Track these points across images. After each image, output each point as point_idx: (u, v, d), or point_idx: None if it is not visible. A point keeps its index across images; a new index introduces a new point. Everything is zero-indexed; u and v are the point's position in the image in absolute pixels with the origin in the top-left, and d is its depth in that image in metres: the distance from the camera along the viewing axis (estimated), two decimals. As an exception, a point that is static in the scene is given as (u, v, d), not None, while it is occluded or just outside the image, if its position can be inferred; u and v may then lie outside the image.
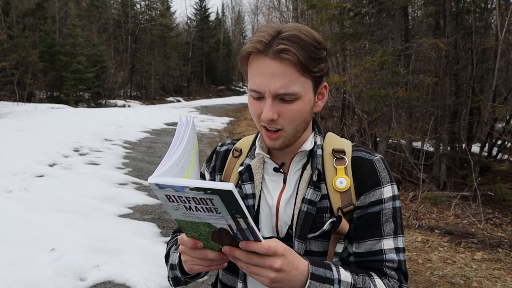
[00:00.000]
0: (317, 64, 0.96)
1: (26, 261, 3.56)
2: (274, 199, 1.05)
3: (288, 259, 0.83)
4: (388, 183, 1.02)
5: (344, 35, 9.35)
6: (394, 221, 1.01)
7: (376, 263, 0.99)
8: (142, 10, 38.45)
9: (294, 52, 0.91)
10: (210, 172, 1.20)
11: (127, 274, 3.49)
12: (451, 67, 8.94)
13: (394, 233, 1.01)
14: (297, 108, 0.96)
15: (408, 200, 7.47)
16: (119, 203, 5.42)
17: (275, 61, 0.92)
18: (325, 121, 12.68)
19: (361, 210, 1.01)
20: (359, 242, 1.01)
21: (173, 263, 1.08)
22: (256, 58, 0.95)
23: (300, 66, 0.93)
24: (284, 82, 0.92)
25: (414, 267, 4.32)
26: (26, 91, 20.99)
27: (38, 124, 11.43)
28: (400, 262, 0.99)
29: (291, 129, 0.99)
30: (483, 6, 9.07)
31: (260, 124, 1.00)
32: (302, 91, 0.95)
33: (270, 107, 0.94)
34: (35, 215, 4.62)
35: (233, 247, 0.82)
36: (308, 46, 0.93)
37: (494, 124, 9.44)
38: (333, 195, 1.01)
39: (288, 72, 0.92)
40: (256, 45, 0.93)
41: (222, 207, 0.74)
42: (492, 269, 4.33)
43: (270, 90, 0.93)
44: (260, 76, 0.94)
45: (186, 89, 43.06)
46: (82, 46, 24.88)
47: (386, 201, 1.01)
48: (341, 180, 1.01)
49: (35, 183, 5.90)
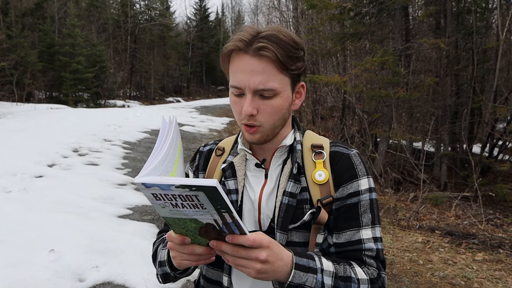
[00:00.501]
0: (295, 62, 1.00)
1: (25, 262, 3.54)
2: (256, 193, 1.10)
3: (273, 251, 0.87)
4: (364, 176, 1.08)
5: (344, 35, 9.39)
6: (372, 212, 1.06)
7: (356, 252, 1.04)
8: (142, 10, 38.35)
9: (273, 49, 0.96)
10: (193, 171, 1.24)
11: (127, 275, 3.47)
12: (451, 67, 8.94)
13: (372, 223, 1.06)
14: (275, 104, 1.01)
15: (409, 201, 7.48)
16: (118, 203, 5.39)
17: (254, 58, 0.97)
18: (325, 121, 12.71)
19: (339, 201, 1.06)
20: (339, 233, 1.06)
21: (162, 260, 1.10)
22: (237, 56, 1.00)
23: (279, 63, 0.97)
24: (263, 78, 0.97)
25: (414, 268, 4.31)
26: (25, 91, 20.89)
27: (37, 125, 11.38)
28: (378, 250, 1.04)
29: (269, 124, 1.03)
30: (484, 6, 9.06)
31: (241, 122, 1.04)
32: (280, 87, 1.00)
33: (249, 103, 0.99)
34: (34, 215, 4.59)
35: (220, 241, 0.85)
36: (286, 45, 0.98)
37: (495, 124, 9.44)
38: (313, 187, 1.06)
39: (267, 68, 0.97)
40: (237, 43, 0.98)
41: (207, 203, 0.76)
42: (493, 270, 4.32)
43: (250, 85, 0.98)
44: (241, 72, 0.99)
45: (185, 89, 43.01)
46: (81, 46, 24.83)
47: (363, 192, 1.06)
48: (320, 173, 1.07)
49: (34, 184, 5.85)
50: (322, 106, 13.13)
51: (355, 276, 0.99)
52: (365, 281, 0.99)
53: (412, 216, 6.33)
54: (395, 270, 4.23)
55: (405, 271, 4.23)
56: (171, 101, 34.50)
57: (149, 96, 35.11)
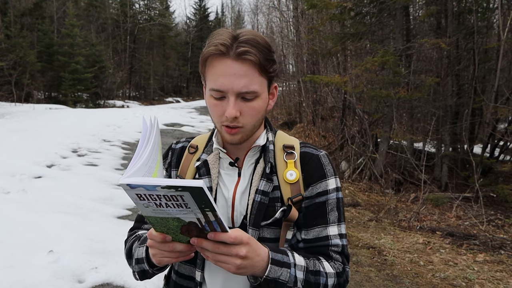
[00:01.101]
0: (271, 65, 1.05)
1: (24, 263, 3.52)
2: (230, 191, 1.13)
3: (252, 247, 0.91)
4: (332, 176, 1.14)
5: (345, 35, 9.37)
6: (338, 210, 1.13)
7: (323, 248, 1.10)
8: (141, 10, 38.35)
9: (255, 53, 1.00)
10: (166, 168, 1.25)
11: (126, 276, 3.45)
12: (452, 67, 8.92)
13: (338, 220, 1.13)
14: (256, 106, 1.05)
15: (410, 202, 7.47)
16: (117, 204, 5.38)
17: (237, 62, 1.00)
18: (325, 121, 12.68)
19: (309, 200, 1.12)
20: (307, 230, 1.12)
21: (140, 257, 1.12)
22: (217, 60, 1.02)
23: (259, 66, 1.01)
24: (246, 81, 1.01)
25: (415, 269, 4.30)
26: (24, 91, 20.89)
27: (36, 125, 11.40)
28: (343, 246, 1.12)
29: (251, 125, 1.07)
30: (485, 5, 9.05)
31: (221, 124, 1.07)
32: (261, 89, 1.05)
33: (233, 105, 1.02)
34: (33, 216, 4.58)
35: (201, 238, 0.87)
36: (264, 49, 1.02)
37: (496, 124, 9.42)
38: (284, 186, 1.11)
39: (250, 72, 1.01)
40: (219, 48, 1.00)
41: (192, 202, 0.78)
42: (494, 271, 4.30)
43: (233, 89, 1.01)
44: (223, 76, 1.01)
45: (185, 90, 43.03)
46: (80, 46, 24.83)
47: (331, 192, 1.12)
48: (291, 172, 1.11)
49: (33, 184, 5.88)
50: (323, 107, 13.12)
51: (323, 270, 1.05)
52: (332, 274, 1.06)
53: (413, 217, 6.31)
54: (395, 271, 4.23)
55: (405, 272, 4.23)
56: (171, 101, 34.52)
57: (148, 96, 35.10)
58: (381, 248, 4.85)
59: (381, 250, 4.80)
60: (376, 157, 8.75)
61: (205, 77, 1.08)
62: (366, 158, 8.89)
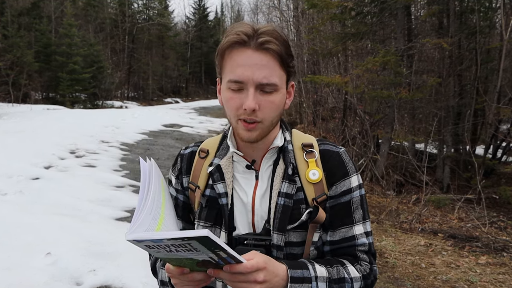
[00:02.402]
0: (291, 60, 1.04)
1: (21, 265, 3.51)
2: (248, 195, 1.11)
3: (269, 270, 0.90)
4: (354, 173, 1.12)
5: (345, 35, 9.39)
6: (362, 208, 1.12)
7: (350, 249, 1.09)
8: (140, 10, 38.24)
9: (277, 44, 0.98)
10: (176, 176, 1.22)
11: (124, 279, 3.44)
12: (454, 68, 8.95)
13: (363, 218, 1.12)
14: (275, 100, 1.02)
15: (411, 203, 7.48)
16: (116, 206, 5.37)
17: (258, 52, 0.98)
18: (326, 122, 12.71)
19: (333, 199, 1.10)
20: (334, 230, 1.10)
21: (164, 280, 1.12)
22: (237, 50, 1.00)
23: (281, 59, 1.00)
24: (267, 72, 0.99)
25: (417, 271, 4.28)
26: (21, 92, 20.79)
27: (33, 126, 11.37)
28: (370, 244, 1.11)
29: (269, 121, 1.04)
30: (488, 5, 9.03)
31: (237, 118, 1.03)
32: (280, 83, 1.02)
33: (253, 97, 0.99)
34: (31, 218, 4.56)
35: (218, 270, 0.88)
36: (284, 42, 1.01)
37: (498, 125, 9.42)
38: (307, 186, 1.09)
39: (271, 63, 0.99)
40: (241, 36, 0.98)
41: (201, 247, 0.80)
42: (497, 273, 4.28)
43: (253, 79, 0.98)
44: (242, 66, 0.99)
45: (184, 90, 42.99)
46: (78, 46, 24.75)
47: (354, 189, 1.11)
48: (314, 172, 1.09)
49: (30, 186, 5.86)
50: (323, 107, 13.14)
51: (348, 276, 1.04)
52: (358, 278, 1.05)
53: (415, 219, 6.32)
54: (397, 274, 4.21)
55: (407, 274, 4.21)
56: (170, 102, 34.53)
57: (147, 97, 35.05)
58: (382, 250, 4.83)
59: (382, 252, 4.77)
60: (377, 158, 8.76)
61: (222, 69, 1.05)
62: (367, 159, 8.88)
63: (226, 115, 1.09)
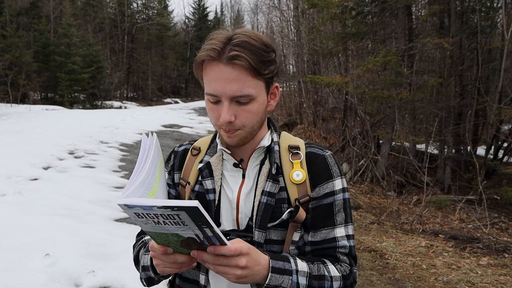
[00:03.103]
0: (267, 66, 1.03)
1: (19, 266, 3.51)
2: (234, 193, 1.14)
3: (252, 257, 0.92)
4: (338, 177, 1.14)
5: (346, 34, 9.38)
6: (345, 211, 1.13)
7: (330, 250, 1.10)
8: (139, 9, 38.26)
9: (245, 57, 0.98)
10: (169, 171, 1.27)
11: (123, 280, 3.44)
12: (456, 68, 8.94)
13: (345, 222, 1.13)
14: (252, 109, 1.04)
15: (412, 204, 7.46)
16: (115, 207, 5.37)
17: (228, 66, 0.99)
18: (326, 122, 12.71)
19: (316, 201, 1.11)
20: (315, 231, 1.12)
21: (145, 264, 1.14)
22: (210, 65, 1.02)
23: (252, 70, 1.00)
24: (239, 85, 1.00)
25: (418, 272, 4.28)
26: (20, 92, 20.78)
27: (32, 126, 11.40)
28: (350, 247, 1.12)
29: (249, 127, 1.07)
30: (489, 5, 8.97)
31: (219, 127, 1.08)
32: (256, 92, 1.03)
33: (227, 110, 1.02)
34: (29, 219, 4.57)
35: (201, 251, 0.89)
36: (258, 50, 1.01)
37: (500, 126, 9.40)
38: (290, 187, 1.11)
39: (242, 76, 1.00)
40: (210, 53, 1.00)
41: (189, 221, 0.81)
42: (498, 274, 4.27)
43: (226, 93, 1.01)
44: (216, 81, 1.01)
45: (184, 90, 43.00)
46: (77, 46, 24.76)
47: (338, 192, 1.12)
48: (298, 173, 1.11)
49: (29, 187, 5.88)
50: (324, 107, 13.14)
51: (328, 274, 1.05)
52: (337, 278, 1.06)
53: (415, 220, 6.31)
54: (397, 275, 4.22)
55: (408, 276, 4.21)
56: (169, 102, 34.56)
57: (146, 97, 35.07)
58: (383, 251, 4.83)
59: (383, 253, 4.78)
60: (378, 159, 8.75)
61: (202, 80, 1.08)
62: (367, 160, 8.87)
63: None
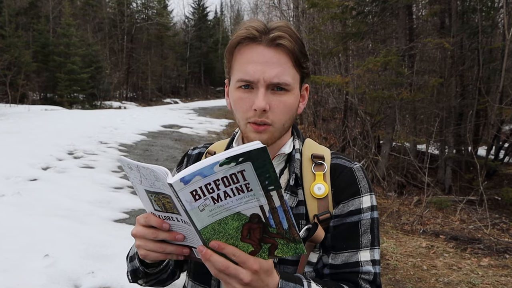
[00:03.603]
0: (305, 60, 0.98)
1: (19, 267, 3.50)
2: None
3: (260, 276, 0.80)
4: (367, 193, 1.02)
5: (346, 34, 9.41)
6: (372, 233, 1.01)
7: (352, 275, 0.98)
8: (139, 9, 38.22)
9: (290, 40, 0.93)
10: None
11: (123, 281, 3.41)
12: (456, 68, 8.97)
13: (371, 244, 1.00)
14: (287, 101, 0.96)
15: (413, 205, 7.49)
16: (114, 207, 5.38)
17: (270, 48, 0.93)
18: (327, 123, 12.73)
19: (338, 219, 1.00)
20: (336, 253, 1.00)
21: (132, 254, 1.05)
22: (247, 46, 0.95)
23: (293, 56, 0.94)
24: (279, 71, 0.93)
25: (418, 273, 4.27)
26: (19, 92, 20.71)
27: (31, 127, 11.40)
28: (375, 274, 0.99)
29: (280, 124, 0.98)
30: (490, 4, 9.03)
31: (247, 121, 0.98)
32: (293, 83, 0.96)
33: (263, 96, 0.93)
34: (28, 220, 4.56)
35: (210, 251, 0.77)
36: (298, 40, 0.96)
37: (501, 126, 9.44)
38: (310, 201, 1.00)
39: (283, 61, 0.94)
40: (252, 31, 0.93)
41: (254, 179, 0.71)
42: (499, 275, 4.28)
43: (264, 78, 0.93)
44: (253, 64, 0.94)
45: (183, 90, 42.94)
46: (76, 46, 24.70)
47: (365, 211, 1.01)
48: (319, 186, 1.00)
49: (28, 187, 5.86)
50: (324, 108, 13.17)
51: None
52: None
53: (416, 221, 6.32)
54: (398, 276, 4.23)
55: (408, 277, 4.20)
56: (169, 102, 34.54)
57: (146, 97, 35.04)
58: (383, 252, 4.82)
59: (384, 254, 4.76)
60: (379, 159, 8.76)
61: (231, 68, 0.99)
62: (368, 160, 8.87)
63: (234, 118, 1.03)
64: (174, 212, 0.79)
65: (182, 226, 0.80)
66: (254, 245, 0.79)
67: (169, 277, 1.11)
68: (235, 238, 0.78)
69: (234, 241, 0.79)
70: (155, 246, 0.84)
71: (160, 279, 1.09)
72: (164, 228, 0.82)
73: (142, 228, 0.85)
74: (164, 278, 1.09)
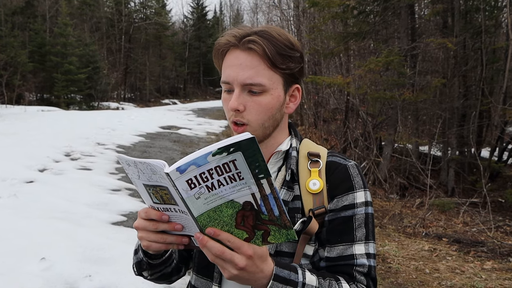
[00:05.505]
0: (286, 61, 1.00)
1: (14, 270, 3.49)
2: None
3: (255, 262, 0.85)
4: (361, 189, 1.06)
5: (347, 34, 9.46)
6: (366, 227, 1.05)
7: (347, 267, 1.02)
8: (136, 8, 38.21)
9: (261, 44, 0.97)
10: None
11: (121, 284, 3.43)
12: (459, 68, 9.02)
13: (365, 238, 1.04)
14: (263, 102, 1.01)
15: (415, 207, 7.50)
16: (112, 210, 5.38)
17: (244, 52, 0.99)
18: (328, 124, 12.76)
19: (333, 213, 1.05)
20: (331, 246, 1.05)
21: (136, 247, 1.11)
22: (229, 52, 1.02)
23: (267, 59, 0.98)
24: (252, 72, 0.98)
25: (421, 277, 4.27)
26: (15, 93, 20.74)
27: (27, 128, 11.41)
28: (370, 267, 1.03)
29: (257, 124, 1.03)
30: (493, 4, 9.09)
31: (231, 121, 1.05)
32: (270, 84, 1.00)
33: (236, 97, 1.00)
34: (25, 222, 4.55)
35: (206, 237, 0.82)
36: (278, 43, 0.99)
37: (504, 127, 9.52)
38: (306, 196, 1.05)
39: (256, 63, 0.98)
40: (229, 38, 1.00)
41: (244, 168, 0.76)
42: (503, 279, 4.27)
43: (238, 80, 0.99)
44: (230, 67, 1.01)
45: (182, 91, 42.94)
46: (73, 46, 24.70)
47: (359, 206, 1.05)
48: (314, 182, 1.05)
49: (24, 189, 5.84)
50: (325, 108, 13.24)
51: None
52: None
53: (418, 223, 6.33)
54: (400, 279, 4.19)
55: (411, 280, 4.19)
56: (167, 103, 34.61)
57: (144, 98, 35.06)
58: (385, 255, 4.80)
59: (385, 257, 4.75)
60: (380, 161, 8.78)
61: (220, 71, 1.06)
62: (369, 162, 8.89)
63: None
64: (171, 203, 0.83)
65: (180, 216, 0.84)
66: (248, 232, 0.83)
67: (173, 272, 1.16)
68: (230, 225, 0.83)
69: (229, 228, 0.84)
70: (156, 237, 0.90)
71: (165, 272, 1.13)
72: (164, 219, 0.87)
73: (143, 221, 0.90)
74: (168, 272, 1.14)
